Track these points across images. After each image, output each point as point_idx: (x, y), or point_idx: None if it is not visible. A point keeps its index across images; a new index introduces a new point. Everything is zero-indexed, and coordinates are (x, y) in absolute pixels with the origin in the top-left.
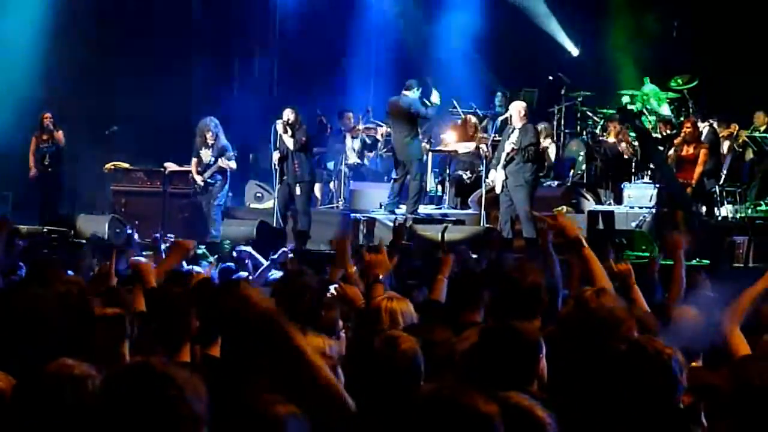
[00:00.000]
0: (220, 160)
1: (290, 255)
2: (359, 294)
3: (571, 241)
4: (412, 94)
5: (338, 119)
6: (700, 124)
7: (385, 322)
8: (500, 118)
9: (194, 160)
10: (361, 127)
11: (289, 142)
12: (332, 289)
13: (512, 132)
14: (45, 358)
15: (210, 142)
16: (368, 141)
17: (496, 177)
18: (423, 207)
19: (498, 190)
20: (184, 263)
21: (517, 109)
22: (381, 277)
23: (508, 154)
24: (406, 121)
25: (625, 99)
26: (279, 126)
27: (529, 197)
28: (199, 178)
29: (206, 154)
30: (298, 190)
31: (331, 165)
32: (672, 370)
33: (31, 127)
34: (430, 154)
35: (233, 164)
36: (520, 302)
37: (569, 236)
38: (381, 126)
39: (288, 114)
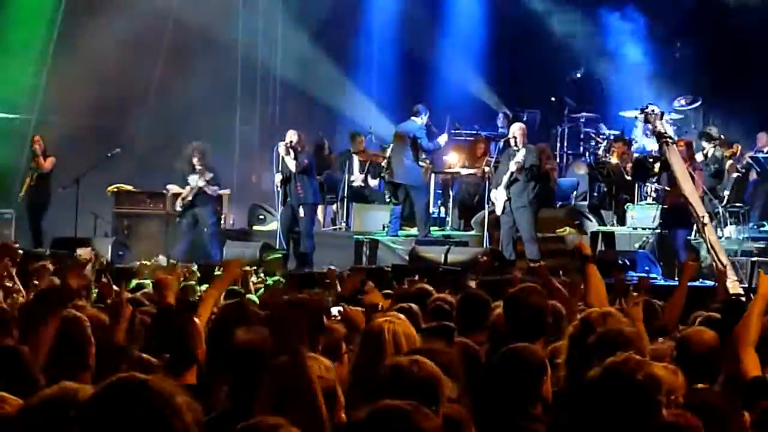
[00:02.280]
0: (204, 186)
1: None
2: (362, 318)
3: (582, 257)
4: (420, 120)
5: (350, 141)
6: (707, 145)
7: (388, 345)
8: (503, 140)
9: (188, 187)
10: (370, 151)
11: (292, 165)
12: (335, 311)
13: (515, 153)
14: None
15: (197, 167)
16: (373, 166)
17: (497, 198)
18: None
19: (499, 211)
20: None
21: (517, 130)
22: (381, 307)
23: (512, 173)
24: (408, 147)
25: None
26: (281, 148)
27: (532, 218)
28: (178, 203)
29: (193, 179)
30: (301, 212)
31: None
32: (646, 389)
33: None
34: (433, 175)
35: (216, 189)
36: (524, 324)
37: (583, 252)
38: (385, 147)
39: (291, 135)
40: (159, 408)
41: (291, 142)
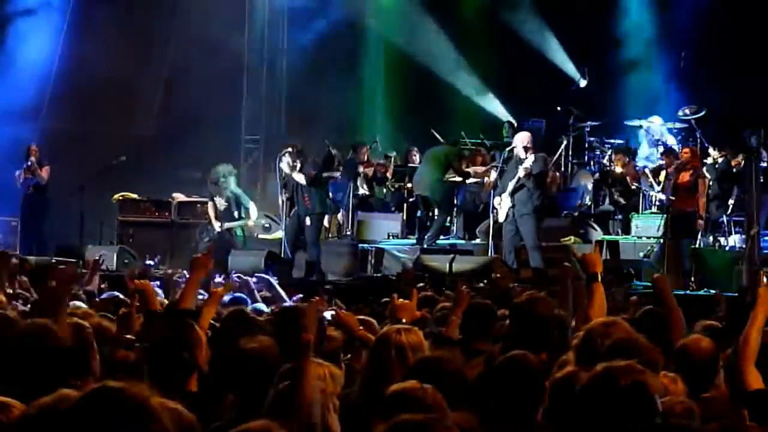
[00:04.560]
0: (246, 218)
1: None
2: (356, 321)
3: (590, 274)
4: (455, 150)
5: (353, 151)
6: (714, 153)
7: (394, 359)
8: (507, 148)
9: (210, 204)
10: (375, 161)
11: (300, 178)
12: (328, 315)
13: (523, 160)
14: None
15: (223, 192)
16: (378, 175)
17: (501, 204)
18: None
19: (501, 218)
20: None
21: (521, 139)
22: (404, 321)
23: (518, 179)
24: (441, 166)
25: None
26: (285, 167)
27: (536, 226)
28: (216, 225)
29: (220, 203)
30: (308, 222)
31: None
32: (636, 395)
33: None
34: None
35: (257, 218)
36: (530, 334)
37: (593, 270)
38: (390, 156)
39: (290, 154)
40: (135, 413)
41: (291, 160)
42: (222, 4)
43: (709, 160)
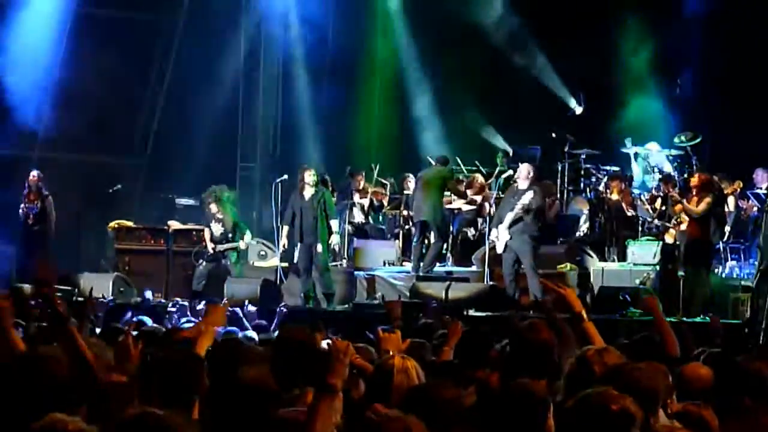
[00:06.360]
0: (240, 241)
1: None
2: (353, 350)
3: (574, 315)
4: (447, 170)
5: (349, 178)
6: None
7: (398, 382)
8: (504, 176)
9: (206, 230)
10: (370, 189)
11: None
12: (324, 344)
13: (522, 193)
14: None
15: (218, 216)
16: (375, 203)
17: (499, 236)
18: None
19: (500, 250)
20: None
21: (524, 172)
22: (391, 353)
23: (516, 214)
24: (438, 189)
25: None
26: (309, 191)
27: (534, 255)
28: (210, 246)
29: (216, 228)
30: (319, 248)
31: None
32: (618, 421)
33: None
34: None
35: (251, 239)
36: (530, 361)
37: (573, 311)
38: (386, 183)
39: (310, 174)
40: None
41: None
42: (217, 29)
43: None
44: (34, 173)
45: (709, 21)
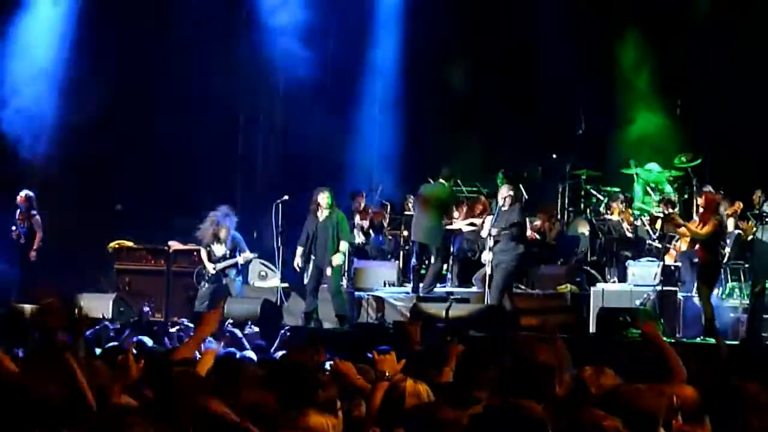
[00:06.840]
0: (239, 256)
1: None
2: (354, 370)
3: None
4: (447, 185)
5: (350, 199)
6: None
7: (409, 406)
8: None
9: (204, 251)
10: (371, 210)
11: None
12: (327, 365)
13: (505, 213)
14: None
15: (223, 237)
16: (375, 223)
17: (487, 259)
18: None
19: (488, 270)
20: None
21: (501, 194)
22: (388, 374)
23: (498, 233)
24: (436, 210)
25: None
26: (323, 213)
27: (509, 272)
28: (210, 266)
29: (219, 249)
30: (329, 271)
31: None
32: None
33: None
34: None
35: (250, 255)
36: (529, 382)
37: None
38: (386, 204)
39: (324, 196)
40: None
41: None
42: (216, 47)
43: None
44: (22, 193)
45: (710, 40)
